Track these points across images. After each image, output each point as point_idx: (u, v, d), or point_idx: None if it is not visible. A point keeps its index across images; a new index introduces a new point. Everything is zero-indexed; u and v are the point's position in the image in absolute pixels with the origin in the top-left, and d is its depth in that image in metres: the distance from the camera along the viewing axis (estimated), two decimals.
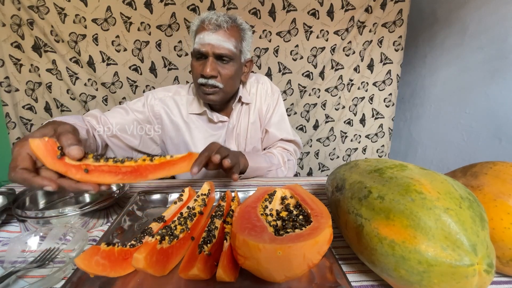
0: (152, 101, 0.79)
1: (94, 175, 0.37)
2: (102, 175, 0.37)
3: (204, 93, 0.73)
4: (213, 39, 0.68)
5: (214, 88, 0.71)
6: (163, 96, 0.81)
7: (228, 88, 0.74)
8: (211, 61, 0.69)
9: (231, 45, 0.69)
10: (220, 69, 0.70)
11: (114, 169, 0.39)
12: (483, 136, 1.24)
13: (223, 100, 0.77)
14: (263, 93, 0.85)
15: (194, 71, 0.73)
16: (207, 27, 0.68)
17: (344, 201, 0.39)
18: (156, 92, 0.82)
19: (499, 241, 0.33)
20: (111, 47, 1.41)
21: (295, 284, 0.33)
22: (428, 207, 0.28)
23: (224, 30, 0.68)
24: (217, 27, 0.68)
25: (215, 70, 0.69)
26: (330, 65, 1.56)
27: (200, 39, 0.69)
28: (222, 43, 0.68)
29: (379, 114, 1.68)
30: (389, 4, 1.47)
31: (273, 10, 1.44)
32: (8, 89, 1.40)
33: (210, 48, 0.68)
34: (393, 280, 0.31)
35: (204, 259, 0.33)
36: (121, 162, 0.40)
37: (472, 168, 0.42)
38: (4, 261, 0.38)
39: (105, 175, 0.38)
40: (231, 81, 0.73)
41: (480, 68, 1.25)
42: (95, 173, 0.37)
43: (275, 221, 0.38)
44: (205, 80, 0.70)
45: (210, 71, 0.68)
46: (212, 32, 0.68)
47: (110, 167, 0.39)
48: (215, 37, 0.68)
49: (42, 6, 1.30)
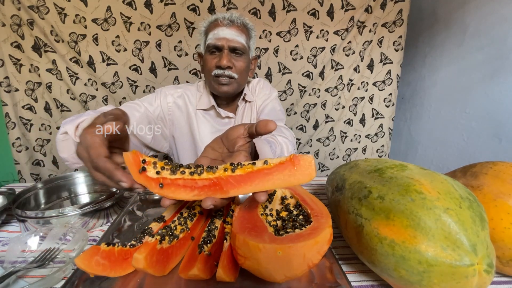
0: (163, 96, 0.82)
1: (170, 189, 0.33)
2: (177, 191, 0.33)
3: (220, 84, 0.75)
4: (228, 34, 0.72)
5: (230, 79, 0.75)
6: (174, 92, 0.84)
7: (241, 80, 0.78)
8: (226, 53, 0.73)
9: (243, 39, 0.75)
10: (234, 61, 0.75)
11: (190, 183, 0.33)
12: (483, 136, 1.24)
13: (235, 92, 0.80)
14: (262, 93, 0.89)
15: (208, 64, 0.75)
16: (221, 23, 0.73)
17: (344, 201, 0.39)
18: (167, 88, 0.84)
19: (499, 241, 0.33)
20: (111, 47, 1.41)
21: (295, 284, 0.33)
22: (428, 207, 0.28)
23: (236, 25, 0.74)
24: (231, 22, 0.73)
25: (231, 61, 0.74)
26: (330, 65, 1.56)
27: (215, 35, 0.73)
28: (235, 37, 0.73)
29: (379, 114, 1.68)
30: (389, 4, 1.47)
31: (273, 10, 1.44)
32: (8, 89, 1.40)
33: (226, 42, 0.72)
34: (393, 280, 0.31)
35: (204, 259, 0.33)
36: (199, 174, 0.34)
37: (472, 168, 0.42)
38: (4, 261, 0.38)
39: (180, 191, 0.33)
40: (244, 73, 0.78)
41: (480, 68, 1.25)
42: (171, 187, 0.33)
43: (275, 221, 0.38)
44: (221, 71, 0.73)
45: (227, 62, 0.72)
46: (227, 28, 0.72)
47: (186, 180, 0.33)
48: (229, 32, 0.72)
49: (42, 6, 1.30)
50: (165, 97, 0.82)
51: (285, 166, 0.30)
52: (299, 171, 0.29)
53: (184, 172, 0.34)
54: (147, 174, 0.33)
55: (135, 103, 0.77)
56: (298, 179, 0.29)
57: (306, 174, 0.29)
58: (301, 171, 0.29)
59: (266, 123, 0.35)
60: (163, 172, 0.34)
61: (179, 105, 0.84)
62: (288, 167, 0.30)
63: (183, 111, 0.84)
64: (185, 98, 0.84)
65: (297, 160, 0.30)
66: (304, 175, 0.29)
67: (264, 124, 0.35)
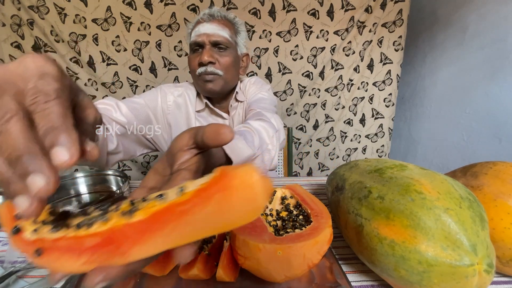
0: (163, 94, 0.78)
1: (51, 257, 0.20)
2: (61, 258, 0.19)
3: (204, 81, 0.71)
4: (208, 29, 0.69)
5: (214, 75, 0.71)
6: (175, 90, 0.81)
7: (227, 76, 0.73)
8: (208, 49, 0.69)
9: (225, 33, 0.70)
10: (217, 56, 0.70)
11: (75, 244, 0.19)
12: (483, 136, 1.24)
13: (223, 90, 0.75)
14: (252, 90, 0.83)
15: (192, 63, 0.72)
16: (202, 20, 0.70)
17: (344, 201, 0.39)
18: (168, 86, 0.81)
19: (499, 241, 0.33)
20: (111, 47, 1.41)
21: (295, 284, 0.33)
22: (428, 207, 0.28)
23: (218, 19, 0.70)
24: (211, 17, 0.70)
25: (213, 57, 0.69)
26: (330, 65, 1.56)
27: (196, 32, 0.70)
28: (217, 31, 0.69)
29: (379, 114, 1.68)
30: (389, 4, 1.47)
31: (273, 10, 1.44)
32: None
33: (206, 37, 0.69)
34: (393, 280, 0.31)
35: (204, 259, 0.33)
36: (88, 227, 0.19)
37: (472, 168, 0.42)
38: (4, 261, 0.38)
39: (64, 258, 0.19)
40: (230, 68, 0.73)
41: (480, 68, 1.25)
42: (53, 253, 0.20)
43: (275, 221, 0.38)
44: (203, 68, 0.69)
45: (208, 57, 0.68)
46: (207, 22, 0.69)
47: (70, 240, 0.19)
48: (209, 26, 0.69)
49: (42, 6, 1.30)
50: (165, 95, 0.78)
51: (210, 194, 0.16)
52: (236, 198, 0.15)
53: (68, 225, 0.20)
54: (24, 235, 0.20)
55: (135, 98, 0.74)
56: (234, 216, 0.16)
57: (245, 204, 0.15)
58: (238, 197, 0.15)
59: (218, 129, 0.21)
60: (43, 229, 0.20)
61: (179, 104, 0.80)
62: (215, 194, 0.16)
63: (183, 111, 0.80)
64: (185, 97, 0.80)
65: (228, 179, 0.16)
66: (242, 206, 0.15)
67: (215, 131, 0.21)
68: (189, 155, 0.24)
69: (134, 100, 0.72)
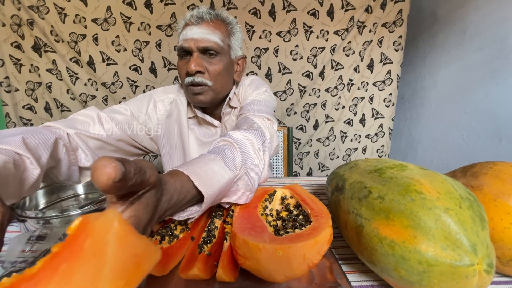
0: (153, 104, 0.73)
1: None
2: None
3: (193, 94, 0.66)
4: (196, 33, 0.62)
5: (202, 86, 0.64)
6: (165, 98, 0.74)
7: (217, 86, 0.66)
8: (195, 56, 0.62)
9: (216, 37, 0.63)
10: (206, 64, 0.64)
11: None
12: (483, 136, 1.24)
13: (214, 100, 0.69)
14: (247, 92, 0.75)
15: (180, 72, 0.67)
16: (190, 22, 0.63)
17: (344, 201, 0.39)
18: (158, 93, 0.74)
19: (499, 241, 0.33)
20: (111, 47, 1.41)
21: (295, 284, 0.33)
22: (428, 207, 0.28)
23: (207, 22, 0.63)
24: (199, 19, 0.63)
25: (201, 66, 0.63)
26: (330, 65, 1.56)
27: (183, 36, 0.64)
28: (205, 36, 0.62)
29: (379, 114, 1.68)
30: (389, 4, 1.47)
31: (273, 10, 1.44)
32: (8, 89, 1.40)
33: (194, 43, 0.62)
34: (393, 280, 0.31)
35: (204, 259, 0.33)
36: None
37: (472, 168, 0.42)
38: (4, 261, 0.38)
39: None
40: (220, 77, 0.66)
41: (480, 68, 1.25)
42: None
43: (275, 221, 0.38)
44: (191, 78, 0.63)
45: (195, 66, 0.62)
46: (195, 26, 0.62)
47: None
48: (197, 30, 0.62)
49: (42, 6, 1.30)
50: (154, 105, 0.71)
51: (60, 260, 0.13)
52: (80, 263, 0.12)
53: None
54: None
55: (120, 107, 0.68)
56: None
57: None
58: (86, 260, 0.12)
59: (95, 169, 0.18)
60: None
61: (170, 113, 0.73)
62: (68, 260, 0.13)
63: (174, 119, 0.74)
64: (177, 103, 0.73)
65: (85, 233, 0.13)
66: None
67: (91, 173, 0.18)
68: (122, 207, 0.22)
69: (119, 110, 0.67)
